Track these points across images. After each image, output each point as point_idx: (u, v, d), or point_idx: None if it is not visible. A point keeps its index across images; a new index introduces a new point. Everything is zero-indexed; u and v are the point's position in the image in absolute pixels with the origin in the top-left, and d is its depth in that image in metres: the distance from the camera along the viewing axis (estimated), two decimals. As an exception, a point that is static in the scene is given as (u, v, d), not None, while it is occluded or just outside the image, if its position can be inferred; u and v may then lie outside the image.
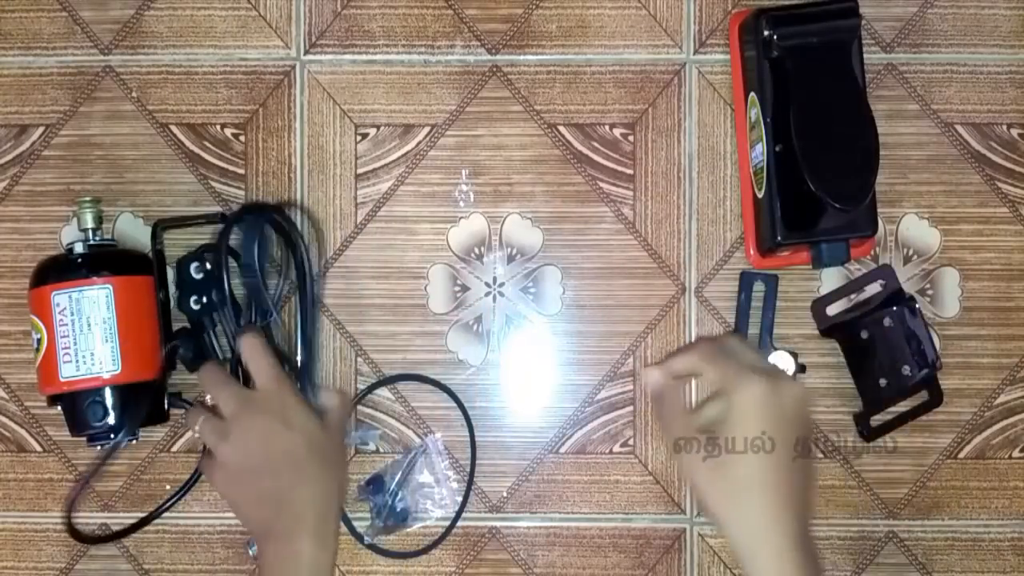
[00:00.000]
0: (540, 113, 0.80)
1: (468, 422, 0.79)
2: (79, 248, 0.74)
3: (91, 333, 0.72)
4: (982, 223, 0.80)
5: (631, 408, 0.80)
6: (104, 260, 0.74)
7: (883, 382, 0.77)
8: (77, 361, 0.72)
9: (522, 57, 0.80)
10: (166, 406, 0.76)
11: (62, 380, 0.72)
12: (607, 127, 0.80)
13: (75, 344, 0.72)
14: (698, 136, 0.80)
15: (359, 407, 0.80)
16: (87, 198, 0.76)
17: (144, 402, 0.74)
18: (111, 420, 0.73)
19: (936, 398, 0.78)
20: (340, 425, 0.73)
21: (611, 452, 0.80)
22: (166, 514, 0.79)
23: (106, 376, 0.72)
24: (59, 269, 0.73)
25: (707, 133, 0.79)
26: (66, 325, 0.72)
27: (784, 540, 0.60)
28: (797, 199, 0.73)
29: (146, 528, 0.79)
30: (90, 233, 0.75)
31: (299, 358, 0.76)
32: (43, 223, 0.80)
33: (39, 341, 0.73)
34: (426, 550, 0.79)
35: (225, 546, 0.80)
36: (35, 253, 0.80)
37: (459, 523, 0.79)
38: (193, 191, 0.80)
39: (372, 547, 0.79)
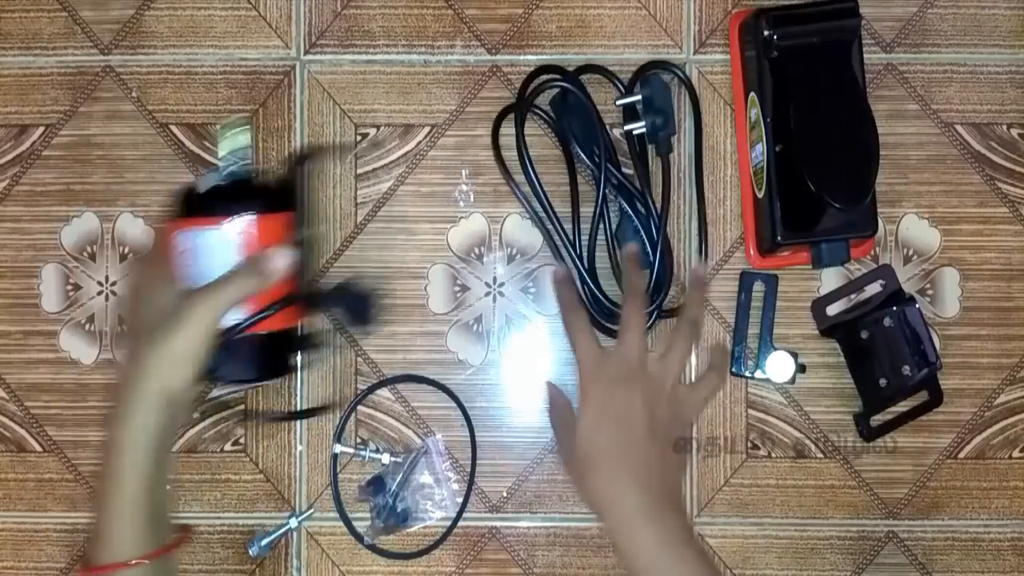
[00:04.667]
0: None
1: (468, 422, 0.79)
2: (211, 180, 0.64)
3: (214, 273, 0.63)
4: (982, 223, 0.80)
5: (631, 408, 0.80)
6: (234, 193, 0.64)
7: (883, 382, 0.77)
8: None
9: (522, 57, 0.80)
10: (296, 358, 0.71)
11: None
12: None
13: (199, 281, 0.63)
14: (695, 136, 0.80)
15: (359, 408, 0.80)
16: (237, 118, 0.67)
17: (268, 353, 0.67)
18: (230, 370, 0.65)
19: (936, 398, 0.78)
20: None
21: (611, 452, 0.80)
22: (166, 514, 0.79)
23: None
24: (187, 200, 0.64)
25: (707, 133, 0.79)
26: (189, 269, 0.64)
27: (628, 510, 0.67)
28: (797, 199, 0.73)
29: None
30: (232, 162, 0.65)
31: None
32: (43, 223, 0.80)
33: None
34: (427, 551, 0.79)
35: (225, 546, 0.80)
36: (35, 253, 0.80)
37: (459, 523, 0.79)
38: (193, 191, 0.80)
39: (372, 547, 0.79)
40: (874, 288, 0.79)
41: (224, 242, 0.62)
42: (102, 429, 0.69)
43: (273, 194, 0.66)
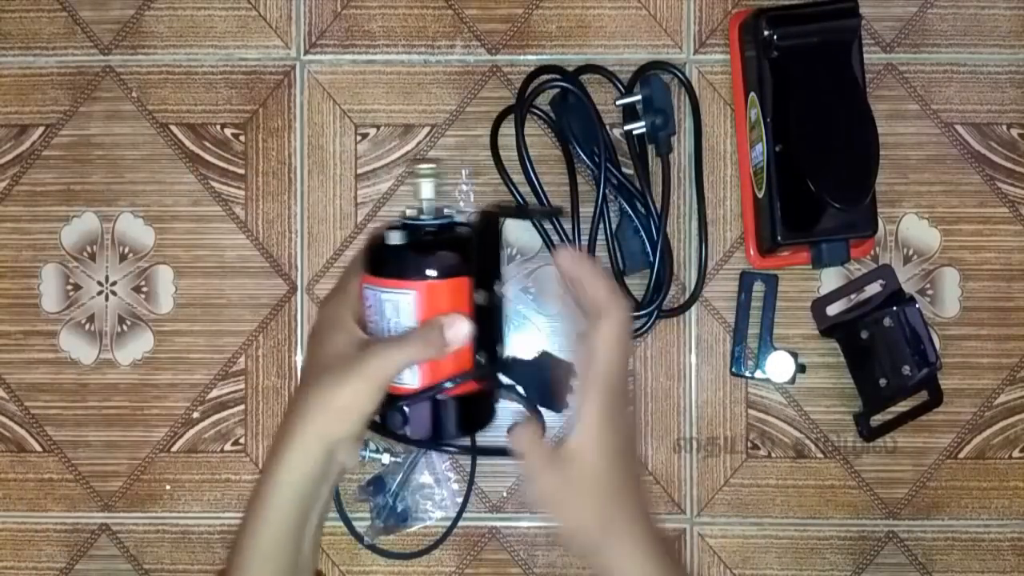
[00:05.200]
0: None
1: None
2: (395, 238, 0.60)
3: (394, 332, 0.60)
4: (982, 223, 0.80)
5: (630, 409, 0.80)
6: (413, 256, 0.60)
7: (883, 382, 0.77)
8: None
9: (522, 57, 0.80)
10: (481, 415, 0.64)
11: None
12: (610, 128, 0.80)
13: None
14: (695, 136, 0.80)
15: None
16: (422, 166, 0.62)
17: (443, 416, 0.62)
18: (408, 430, 0.61)
19: (936, 398, 0.78)
20: None
21: (611, 452, 0.80)
22: (166, 514, 0.79)
23: (401, 386, 0.60)
24: (372, 254, 0.61)
25: (707, 133, 0.79)
26: (372, 323, 0.61)
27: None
28: (797, 199, 0.72)
29: (146, 528, 0.80)
30: (417, 209, 0.62)
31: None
32: (43, 223, 0.80)
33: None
34: (427, 550, 0.79)
35: (225, 546, 0.80)
36: (35, 253, 0.80)
37: (459, 523, 0.79)
38: (193, 191, 0.80)
39: (372, 547, 0.79)
40: (874, 288, 0.79)
41: (407, 304, 0.59)
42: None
43: (461, 252, 0.61)
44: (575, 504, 0.58)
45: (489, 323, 0.61)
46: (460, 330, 0.59)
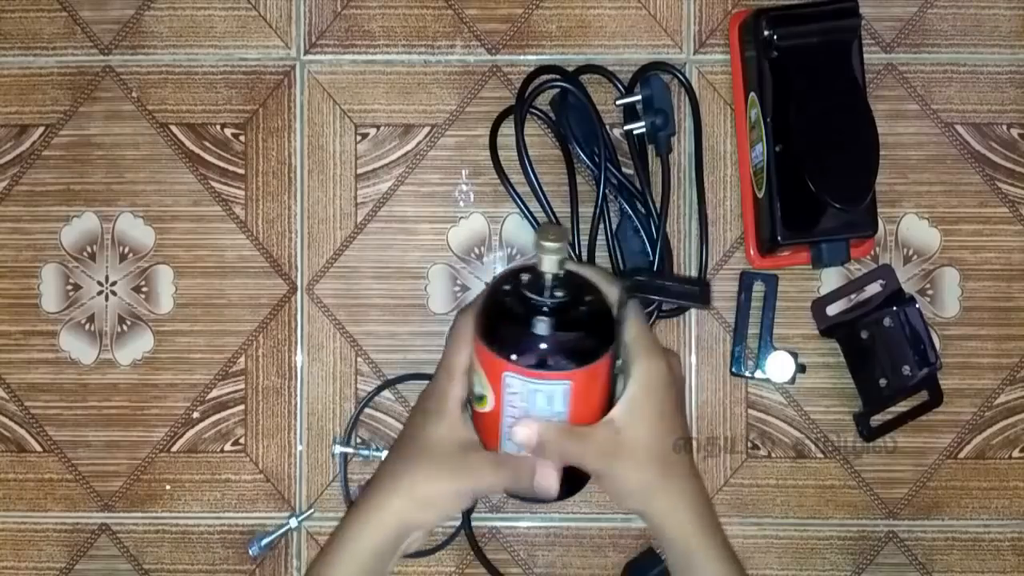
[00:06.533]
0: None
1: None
2: (541, 328, 0.55)
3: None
4: (982, 223, 0.80)
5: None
6: (567, 348, 0.56)
7: (883, 382, 0.77)
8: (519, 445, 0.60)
9: (522, 57, 0.80)
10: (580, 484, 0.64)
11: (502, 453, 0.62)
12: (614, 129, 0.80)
13: None
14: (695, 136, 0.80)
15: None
16: (551, 235, 0.55)
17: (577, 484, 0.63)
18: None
19: (936, 398, 0.78)
20: None
21: (611, 452, 0.80)
22: (166, 514, 0.80)
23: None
24: (516, 342, 0.56)
25: (707, 133, 0.79)
26: (516, 408, 0.58)
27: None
28: (797, 199, 0.72)
29: (146, 528, 0.79)
30: (550, 287, 0.56)
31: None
32: (43, 223, 0.80)
33: (482, 397, 0.59)
34: (433, 550, 0.79)
35: (225, 546, 0.80)
36: (35, 253, 0.80)
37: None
38: (193, 191, 0.80)
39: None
40: (874, 288, 0.79)
41: (561, 394, 0.57)
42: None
43: (605, 328, 0.58)
44: (626, 466, 0.60)
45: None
46: (548, 487, 0.61)
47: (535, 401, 0.57)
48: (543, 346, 0.55)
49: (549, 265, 0.55)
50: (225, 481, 0.80)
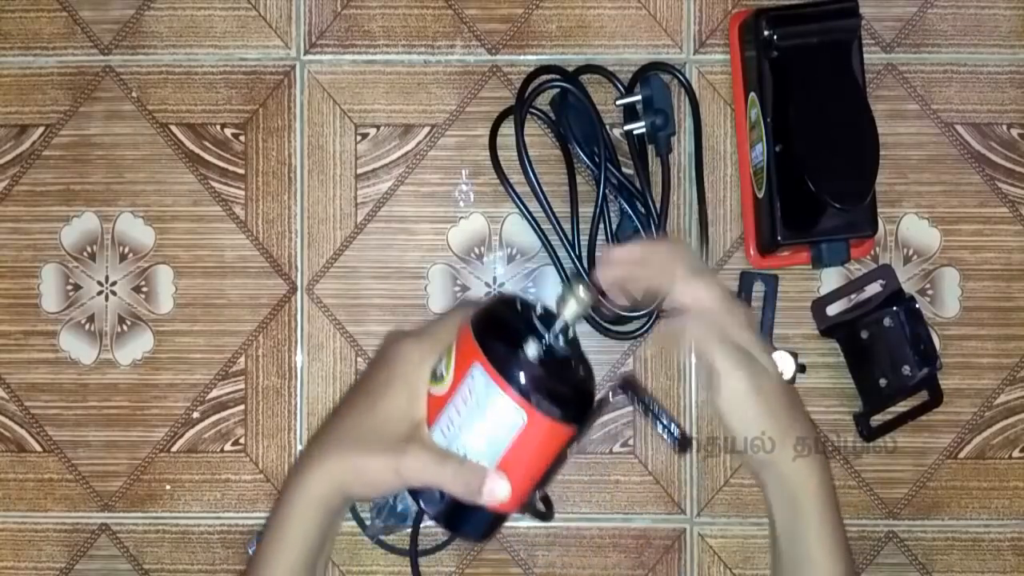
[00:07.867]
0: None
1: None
2: (531, 351, 0.54)
3: (475, 435, 0.55)
4: (982, 223, 0.80)
5: (630, 409, 0.80)
6: (540, 383, 0.54)
7: (883, 382, 0.77)
8: (448, 440, 0.56)
9: (522, 57, 0.80)
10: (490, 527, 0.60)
11: None
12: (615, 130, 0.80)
13: (457, 428, 0.55)
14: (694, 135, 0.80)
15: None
16: (582, 290, 0.55)
17: (482, 524, 0.59)
18: (440, 512, 0.58)
19: (936, 398, 0.78)
20: None
21: (611, 452, 0.80)
22: (166, 514, 0.80)
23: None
24: (502, 344, 0.54)
25: (707, 133, 0.79)
26: (464, 407, 0.55)
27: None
28: (797, 199, 0.73)
29: (146, 528, 0.79)
30: (557, 331, 0.55)
31: None
32: (43, 223, 0.80)
33: (441, 377, 0.56)
34: (434, 550, 0.79)
35: (225, 546, 0.80)
36: (35, 253, 0.80)
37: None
38: (193, 191, 0.80)
39: (380, 543, 0.79)
40: (874, 288, 0.79)
41: (509, 421, 0.54)
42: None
43: (588, 405, 0.57)
44: (755, 414, 0.60)
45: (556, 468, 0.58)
46: (498, 493, 0.56)
47: (484, 415, 0.54)
48: (522, 365, 0.54)
49: (568, 311, 0.55)
50: (225, 481, 0.80)
